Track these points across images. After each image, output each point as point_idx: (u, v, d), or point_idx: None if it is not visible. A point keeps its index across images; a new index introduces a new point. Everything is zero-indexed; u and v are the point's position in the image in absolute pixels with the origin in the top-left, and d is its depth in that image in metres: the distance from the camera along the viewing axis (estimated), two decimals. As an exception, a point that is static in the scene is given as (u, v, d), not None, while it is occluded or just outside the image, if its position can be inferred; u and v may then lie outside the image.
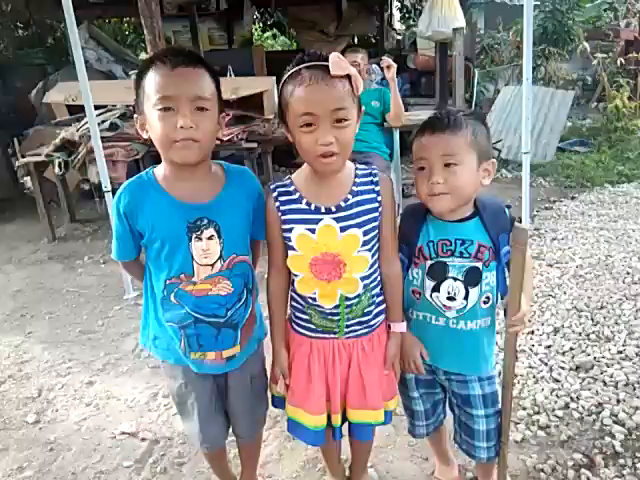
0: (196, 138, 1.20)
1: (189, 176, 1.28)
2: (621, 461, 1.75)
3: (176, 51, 1.24)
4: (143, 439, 2.04)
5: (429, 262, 1.36)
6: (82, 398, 2.33)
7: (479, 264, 1.33)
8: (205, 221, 1.28)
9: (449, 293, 1.35)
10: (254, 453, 1.70)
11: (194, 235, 1.28)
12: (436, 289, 1.36)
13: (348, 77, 1.20)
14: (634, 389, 2.09)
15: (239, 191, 1.34)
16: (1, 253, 4.29)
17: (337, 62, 1.17)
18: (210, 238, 1.29)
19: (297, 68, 1.20)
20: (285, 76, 1.22)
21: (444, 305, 1.36)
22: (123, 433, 2.08)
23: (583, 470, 1.72)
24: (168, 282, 1.32)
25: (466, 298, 1.34)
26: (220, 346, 1.37)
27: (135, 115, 1.31)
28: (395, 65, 3.37)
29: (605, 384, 2.14)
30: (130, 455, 1.96)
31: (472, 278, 1.34)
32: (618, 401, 2.03)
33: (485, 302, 1.37)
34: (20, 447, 2.05)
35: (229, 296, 1.34)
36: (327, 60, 1.18)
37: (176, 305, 1.33)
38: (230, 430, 1.57)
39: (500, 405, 1.47)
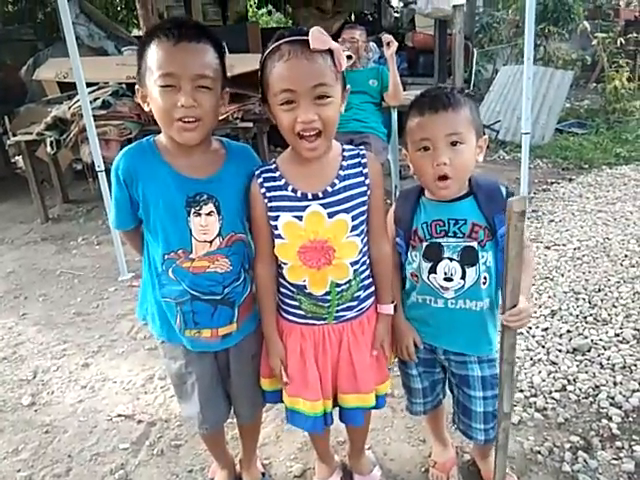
0: (198, 117, 1.18)
1: (190, 150, 1.26)
2: (618, 443, 1.76)
3: (180, 23, 1.18)
4: (140, 421, 2.03)
5: (425, 244, 1.35)
6: (77, 380, 2.32)
7: (474, 243, 1.31)
8: (205, 196, 1.26)
9: (446, 274, 1.34)
10: (254, 433, 1.69)
11: (193, 210, 1.26)
12: (433, 270, 1.35)
13: (330, 52, 1.15)
14: (631, 372, 2.09)
15: (239, 169, 1.31)
16: (-7, 233, 4.23)
17: (318, 36, 1.12)
18: (209, 214, 1.27)
19: (277, 44, 1.15)
20: (265, 53, 1.18)
21: (442, 286, 1.35)
22: (119, 415, 2.07)
23: (580, 452, 1.73)
24: (167, 257, 1.30)
25: (463, 278, 1.33)
26: (216, 324, 1.35)
27: (136, 87, 1.27)
28: (396, 43, 3.30)
29: (602, 367, 2.14)
30: (127, 437, 1.95)
31: (468, 258, 1.32)
32: (615, 384, 2.03)
33: (484, 283, 1.35)
34: (15, 429, 2.04)
35: (227, 274, 1.32)
36: (308, 35, 1.12)
37: (173, 281, 1.31)
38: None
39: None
